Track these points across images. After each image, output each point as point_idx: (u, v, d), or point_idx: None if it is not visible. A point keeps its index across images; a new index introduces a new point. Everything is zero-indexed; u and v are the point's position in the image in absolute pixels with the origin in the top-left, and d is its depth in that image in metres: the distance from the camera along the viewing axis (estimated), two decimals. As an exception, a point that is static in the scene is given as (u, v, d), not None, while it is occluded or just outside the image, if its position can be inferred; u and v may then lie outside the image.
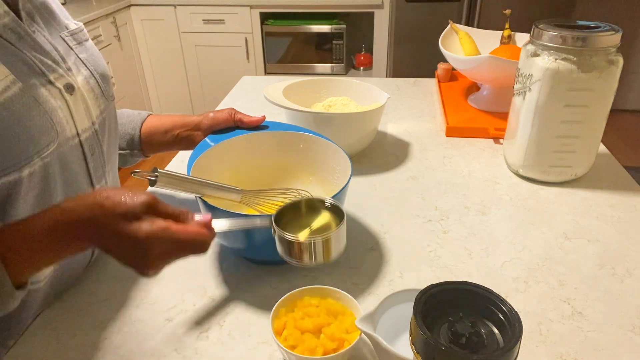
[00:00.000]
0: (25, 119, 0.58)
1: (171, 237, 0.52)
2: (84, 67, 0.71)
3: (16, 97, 0.58)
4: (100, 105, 0.73)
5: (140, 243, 0.50)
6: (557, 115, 0.91)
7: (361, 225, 0.87)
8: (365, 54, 3.17)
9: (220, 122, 0.86)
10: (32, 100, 0.60)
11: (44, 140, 0.60)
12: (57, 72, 0.65)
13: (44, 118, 0.61)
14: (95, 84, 0.72)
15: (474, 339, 0.39)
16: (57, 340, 0.65)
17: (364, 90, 1.14)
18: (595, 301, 0.70)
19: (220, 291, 0.73)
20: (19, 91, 0.58)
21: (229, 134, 0.85)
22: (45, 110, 0.61)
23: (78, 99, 0.68)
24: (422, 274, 0.76)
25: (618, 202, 0.93)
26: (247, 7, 2.93)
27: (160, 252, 0.52)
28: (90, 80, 0.71)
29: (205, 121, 0.86)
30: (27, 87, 0.59)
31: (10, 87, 0.57)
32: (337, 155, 0.82)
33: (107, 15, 2.75)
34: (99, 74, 0.74)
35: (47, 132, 0.61)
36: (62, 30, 0.70)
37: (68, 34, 0.71)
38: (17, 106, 0.57)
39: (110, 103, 0.76)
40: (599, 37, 0.84)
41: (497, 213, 0.90)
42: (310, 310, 0.62)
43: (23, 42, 0.61)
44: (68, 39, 0.70)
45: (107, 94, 0.75)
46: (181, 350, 0.63)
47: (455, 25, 1.40)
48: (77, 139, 0.68)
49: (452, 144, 1.15)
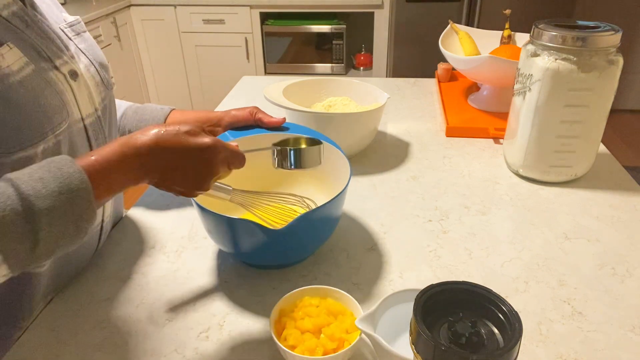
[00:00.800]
0: (40, 97, 0.61)
1: (226, 146, 0.59)
2: (84, 56, 0.73)
3: (31, 77, 0.61)
4: (101, 92, 0.75)
5: (208, 149, 0.57)
6: (557, 115, 0.91)
7: (361, 225, 0.87)
8: (365, 54, 3.17)
9: (241, 120, 0.87)
10: (44, 81, 0.63)
11: (56, 118, 0.63)
12: (62, 59, 0.67)
13: (56, 98, 0.64)
14: (95, 72, 0.74)
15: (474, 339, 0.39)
16: (57, 340, 0.65)
17: (364, 90, 1.14)
18: (595, 301, 0.70)
19: (220, 291, 0.73)
20: (32, 72, 0.61)
21: (248, 131, 0.86)
22: (57, 91, 0.64)
23: (82, 85, 0.70)
24: (422, 274, 0.76)
25: (618, 202, 0.93)
26: (247, 7, 2.92)
27: (223, 158, 0.59)
28: (90, 68, 0.73)
29: (227, 118, 0.88)
30: (38, 70, 0.62)
31: (24, 68, 0.60)
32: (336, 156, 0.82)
33: (107, 15, 2.75)
34: (98, 62, 0.76)
35: (60, 111, 0.64)
36: (61, 22, 0.73)
37: (66, 25, 0.73)
38: (32, 85, 0.61)
39: (110, 91, 0.79)
40: (599, 37, 0.84)
41: (497, 213, 0.90)
42: (310, 310, 0.62)
43: (30, 30, 0.64)
44: (67, 30, 0.73)
45: (106, 82, 0.77)
46: (181, 350, 0.63)
47: (455, 25, 1.40)
48: (82, 123, 0.70)
49: (452, 144, 1.15)
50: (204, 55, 3.13)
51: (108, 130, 0.78)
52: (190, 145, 0.56)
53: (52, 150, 0.63)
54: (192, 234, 0.86)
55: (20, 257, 0.48)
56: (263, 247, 0.70)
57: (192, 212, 0.92)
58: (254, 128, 0.87)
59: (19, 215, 0.47)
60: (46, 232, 0.48)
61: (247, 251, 0.73)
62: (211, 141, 0.58)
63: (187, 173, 0.57)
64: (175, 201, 0.94)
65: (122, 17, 2.92)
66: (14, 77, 0.59)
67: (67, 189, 0.49)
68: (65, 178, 0.49)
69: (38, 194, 0.48)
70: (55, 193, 0.48)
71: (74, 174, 0.50)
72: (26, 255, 0.48)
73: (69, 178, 0.50)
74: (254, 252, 0.72)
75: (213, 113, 0.89)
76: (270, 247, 0.70)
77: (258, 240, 0.68)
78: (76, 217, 0.50)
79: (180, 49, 3.13)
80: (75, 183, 0.50)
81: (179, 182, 0.57)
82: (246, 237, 0.69)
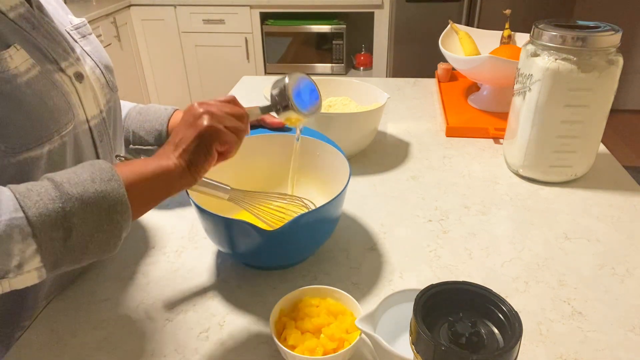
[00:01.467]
0: (46, 98, 0.62)
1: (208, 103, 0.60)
2: (89, 59, 0.74)
3: (37, 78, 0.61)
4: (106, 94, 0.76)
5: (230, 101, 0.61)
6: (557, 115, 0.91)
7: (361, 225, 0.87)
8: (365, 54, 3.17)
9: None
10: (50, 83, 0.63)
11: (62, 119, 0.64)
12: (67, 61, 0.68)
13: (62, 99, 0.64)
14: (100, 74, 0.75)
15: (474, 339, 0.39)
16: (57, 340, 0.65)
17: (364, 90, 1.14)
18: (595, 301, 0.70)
19: (220, 291, 0.73)
20: (38, 74, 0.62)
21: (251, 131, 0.85)
22: (62, 92, 0.65)
23: (87, 87, 0.70)
24: (422, 274, 0.76)
25: (618, 202, 0.93)
26: (247, 7, 2.92)
27: (206, 110, 0.58)
28: (95, 71, 0.74)
29: None
30: (44, 71, 0.63)
31: (31, 70, 0.61)
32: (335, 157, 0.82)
33: (107, 15, 2.75)
34: (103, 65, 0.76)
35: (65, 112, 0.65)
36: (67, 24, 0.73)
37: (72, 28, 0.74)
38: (38, 86, 0.61)
39: (115, 93, 0.79)
40: (599, 37, 0.84)
41: (497, 213, 0.90)
42: (310, 310, 0.62)
43: (36, 31, 0.64)
44: (72, 33, 0.73)
45: (111, 85, 0.78)
46: (181, 350, 0.63)
47: (455, 25, 1.40)
48: (87, 124, 0.71)
49: (452, 144, 1.15)
50: (204, 55, 3.13)
51: (113, 132, 0.78)
52: (212, 103, 0.59)
53: (57, 151, 0.64)
54: (192, 234, 0.86)
55: (54, 247, 0.48)
56: (261, 248, 0.70)
57: (192, 212, 0.92)
58: (257, 128, 0.87)
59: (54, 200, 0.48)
60: (79, 219, 0.49)
61: (245, 252, 0.73)
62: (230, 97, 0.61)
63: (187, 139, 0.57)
64: (175, 201, 0.94)
65: (122, 17, 2.92)
66: (21, 78, 0.59)
67: (99, 177, 0.51)
68: (96, 169, 0.52)
69: (71, 181, 0.50)
70: (88, 181, 0.50)
71: (105, 166, 0.53)
72: (60, 245, 0.48)
73: (100, 169, 0.52)
74: (251, 253, 0.72)
75: None
76: (268, 248, 0.70)
77: (255, 241, 0.68)
78: (109, 207, 0.50)
79: (180, 49, 3.13)
80: (107, 172, 0.52)
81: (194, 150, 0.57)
82: (243, 238, 0.69)
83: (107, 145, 0.76)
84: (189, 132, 0.56)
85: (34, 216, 0.47)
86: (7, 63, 0.58)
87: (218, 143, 0.57)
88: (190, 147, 0.56)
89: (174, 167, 0.55)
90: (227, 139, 0.57)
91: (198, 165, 0.56)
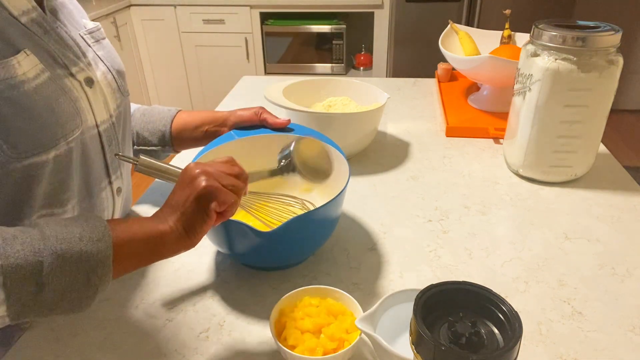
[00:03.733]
0: (54, 104, 0.62)
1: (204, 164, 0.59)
2: (101, 63, 0.74)
3: (46, 84, 0.61)
4: (117, 99, 0.76)
5: (227, 161, 0.60)
6: (557, 115, 0.91)
7: (361, 225, 0.87)
8: (365, 54, 3.17)
9: (246, 120, 0.88)
10: (59, 88, 0.63)
11: (70, 125, 0.64)
12: (78, 66, 0.68)
13: (70, 105, 0.64)
14: (112, 79, 0.75)
15: (474, 339, 0.39)
16: (57, 340, 0.65)
17: (364, 90, 1.14)
18: (595, 301, 0.70)
19: (220, 291, 0.73)
20: (48, 79, 0.62)
21: (253, 132, 0.86)
22: (71, 98, 0.65)
23: (97, 92, 0.71)
24: (422, 274, 0.76)
25: (618, 202, 0.93)
26: (247, 7, 2.92)
27: (201, 172, 0.57)
28: (107, 76, 0.74)
29: (232, 118, 0.88)
30: (53, 77, 0.63)
31: (40, 75, 0.61)
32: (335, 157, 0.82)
33: (107, 15, 2.75)
34: (115, 70, 0.76)
35: (73, 118, 0.65)
36: (81, 29, 0.73)
37: (86, 32, 0.74)
38: (47, 92, 0.61)
39: (125, 98, 0.79)
40: (599, 37, 0.84)
41: (497, 213, 0.90)
42: (310, 310, 0.62)
43: (48, 36, 0.65)
44: (86, 37, 0.73)
45: (123, 90, 0.78)
46: (181, 350, 0.63)
47: (455, 25, 1.40)
48: (96, 129, 0.71)
49: (452, 144, 1.15)
50: (204, 55, 3.13)
51: (122, 136, 0.78)
52: (213, 165, 0.59)
53: (64, 156, 0.64)
54: (192, 234, 0.85)
55: (23, 300, 0.47)
56: (260, 249, 0.70)
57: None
58: (259, 128, 0.87)
59: (35, 254, 0.47)
60: (55, 276, 0.48)
61: (244, 253, 0.73)
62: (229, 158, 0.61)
63: (183, 200, 0.56)
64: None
65: (122, 17, 2.92)
66: (29, 84, 0.59)
67: (88, 236, 0.50)
68: (89, 226, 0.51)
69: (59, 236, 0.49)
70: (76, 239, 0.49)
71: (99, 224, 0.52)
72: (29, 299, 0.47)
73: (92, 227, 0.51)
74: (251, 254, 0.72)
75: (219, 113, 0.90)
76: (267, 249, 0.70)
77: (254, 242, 0.68)
78: (89, 268, 0.49)
79: (180, 49, 3.13)
80: (99, 231, 0.51)
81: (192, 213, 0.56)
82: (242, 239, 0.69)
83: (116, 149, 0.76)
84: (185, 194, 0.56)
85: (9, 266, 0.46)
86: (15, 69, 0.58)
87: (216, 203, 0.55)
88: (188, 210, 0.55)
89: (170, 232, 0.55)
90: (226, 198, 0.56)
91: (196, 228, 0.55)
